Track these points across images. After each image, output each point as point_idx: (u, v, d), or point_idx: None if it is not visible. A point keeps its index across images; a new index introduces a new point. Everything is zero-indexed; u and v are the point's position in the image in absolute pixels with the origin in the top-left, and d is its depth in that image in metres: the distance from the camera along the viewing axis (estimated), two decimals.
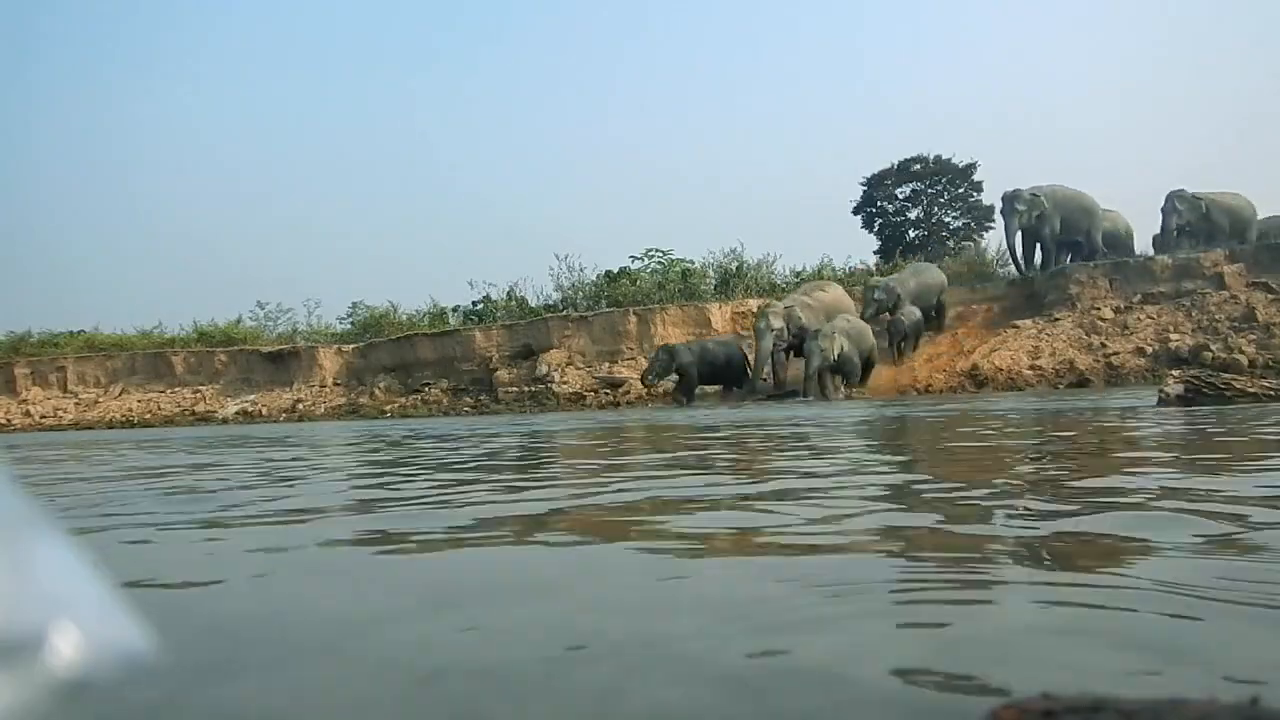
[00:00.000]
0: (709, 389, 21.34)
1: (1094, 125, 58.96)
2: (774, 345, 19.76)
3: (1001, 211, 22.58)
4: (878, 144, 72.00)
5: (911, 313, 21.38)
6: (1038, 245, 22.78)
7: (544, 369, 24.21)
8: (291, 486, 3.87)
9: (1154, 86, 60.49)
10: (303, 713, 1.00)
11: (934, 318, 22.29)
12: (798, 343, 19.81)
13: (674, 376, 20.84)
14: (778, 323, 19.90)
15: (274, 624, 1.43)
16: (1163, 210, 22.17)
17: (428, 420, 17.83)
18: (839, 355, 18.91)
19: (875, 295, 21.40)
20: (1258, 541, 1.69)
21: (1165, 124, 58.80)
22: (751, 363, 20.63)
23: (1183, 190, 22.07)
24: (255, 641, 1.32)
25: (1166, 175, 65.06)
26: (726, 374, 21.02)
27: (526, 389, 23.77)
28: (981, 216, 33.27)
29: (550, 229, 54.45)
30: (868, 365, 19.92)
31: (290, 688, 1.07)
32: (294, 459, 5.96)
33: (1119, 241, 23.38)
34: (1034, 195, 21.77)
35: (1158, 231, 22.81)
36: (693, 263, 28.68)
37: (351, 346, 27.84)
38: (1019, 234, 22.38)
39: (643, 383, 21.74)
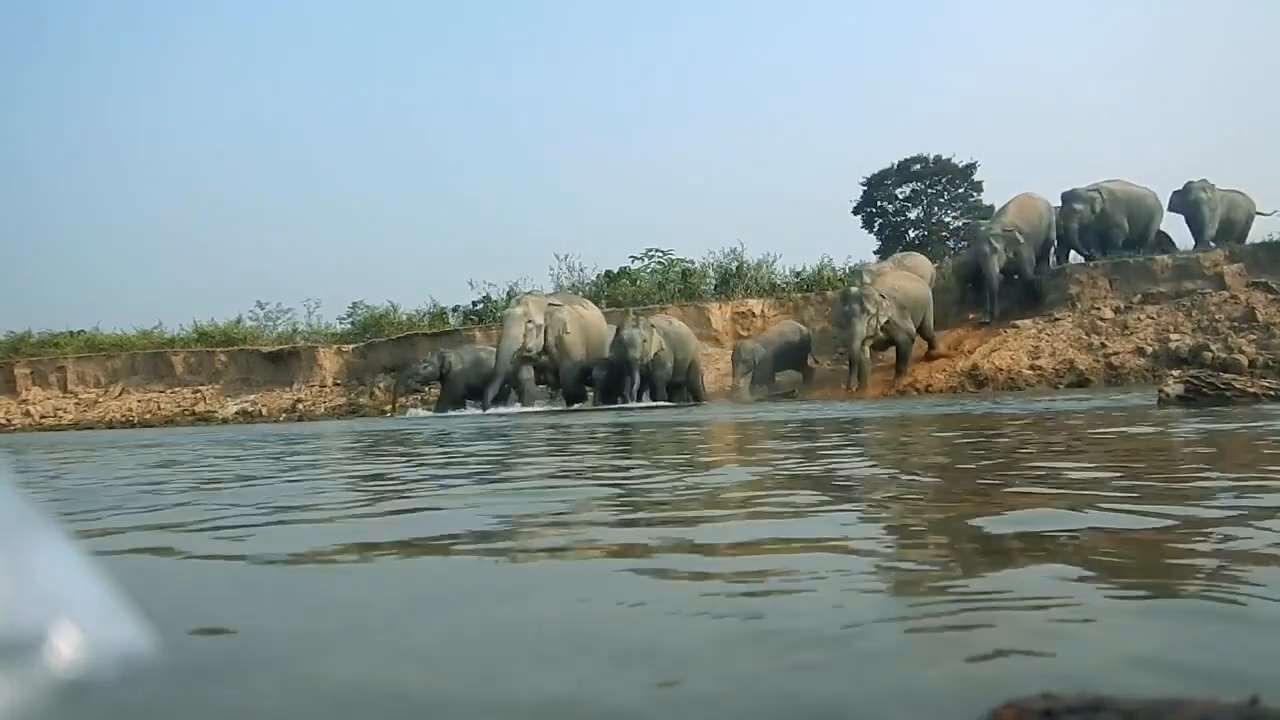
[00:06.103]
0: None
1: (1094, 125, 58.97)
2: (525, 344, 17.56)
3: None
4: (878, 144, 71.96)
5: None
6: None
7: None
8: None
9: (1154, 87, 60.51)
10: (303, 712, 1.00)
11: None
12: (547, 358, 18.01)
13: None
14: (537, 315, 17.60)
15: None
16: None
17: (429, 421, 17.77)
18: (653, 357, 17.74)
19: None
20: None
21: (1165, 124, 58.79)
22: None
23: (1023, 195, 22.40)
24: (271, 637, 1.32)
25: (1167, 175, 65.08)
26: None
27: None
28: (981, 216, 33.18)
29: (550, 229, 54.43)
30: (689, 381, 18.96)
31: (292, 686, 1.07)
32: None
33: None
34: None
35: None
36: (693, 263, 28.70)
37: (351, 346, 27.83)
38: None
39: (405, 385, 20.87)
